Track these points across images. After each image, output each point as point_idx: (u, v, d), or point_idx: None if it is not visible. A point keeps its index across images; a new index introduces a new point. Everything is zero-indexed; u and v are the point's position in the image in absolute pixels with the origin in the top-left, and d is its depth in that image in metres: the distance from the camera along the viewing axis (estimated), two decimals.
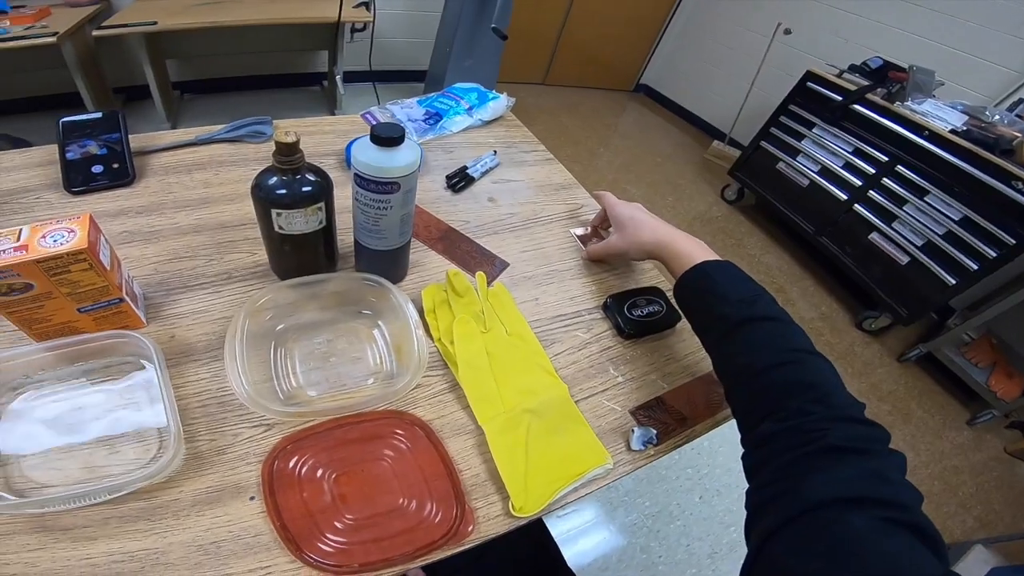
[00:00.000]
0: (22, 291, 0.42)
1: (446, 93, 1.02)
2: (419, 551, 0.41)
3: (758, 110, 2.84)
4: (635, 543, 1.32)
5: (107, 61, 2.37)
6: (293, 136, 0.45)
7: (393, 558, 0.40)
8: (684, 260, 0.54)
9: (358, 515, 0.42)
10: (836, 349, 2.05)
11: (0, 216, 0.62)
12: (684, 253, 0.55)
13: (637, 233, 0.61)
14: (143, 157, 0.71)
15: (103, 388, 0.47)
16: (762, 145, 2.50)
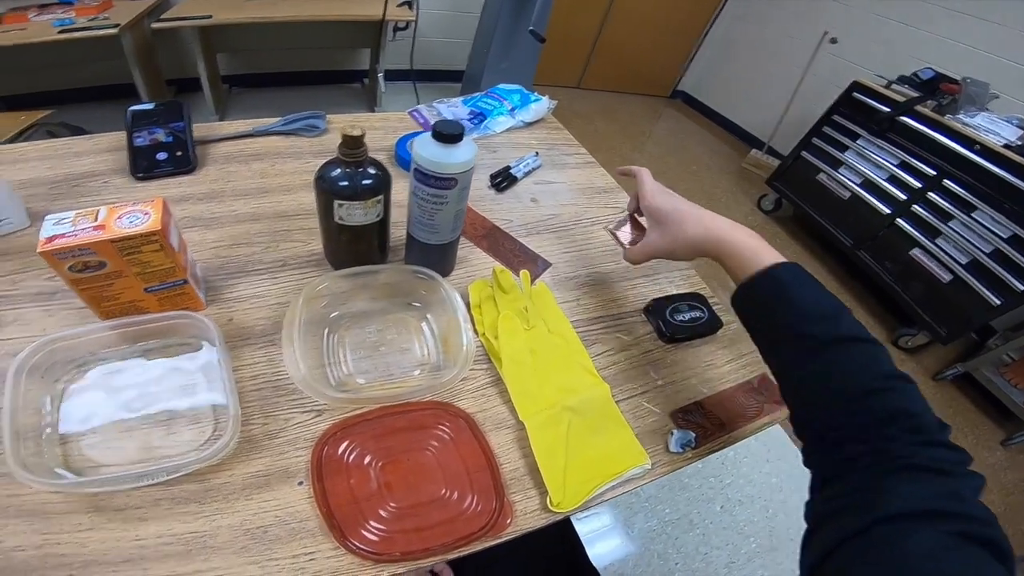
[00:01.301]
0: (96, 269, 0.45)
1: (490, 94, 1.03)
2: (458, 542, 0.42)
3: (799, 120, 2.77)
4: (653, 549, 1.32)
5: (162, 53, 2.46)
6: (359, 130, 0.46)
7: (433, 548, 0.41)
8: (747, 260, 0.46)
9: (401, 504, 0.43)
10: None
11: (70, 198, 0.65)
12: (746, 251, 0.46)
13: (683, 228, 0.51)
14: (204, 146, 0.73)
15: (163, 368, 0.49)
16: (803, 155, 2.44)
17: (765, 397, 0.59)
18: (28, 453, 0.39)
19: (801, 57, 2.88)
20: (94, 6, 2.00)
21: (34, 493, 0.40)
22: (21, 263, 0.56)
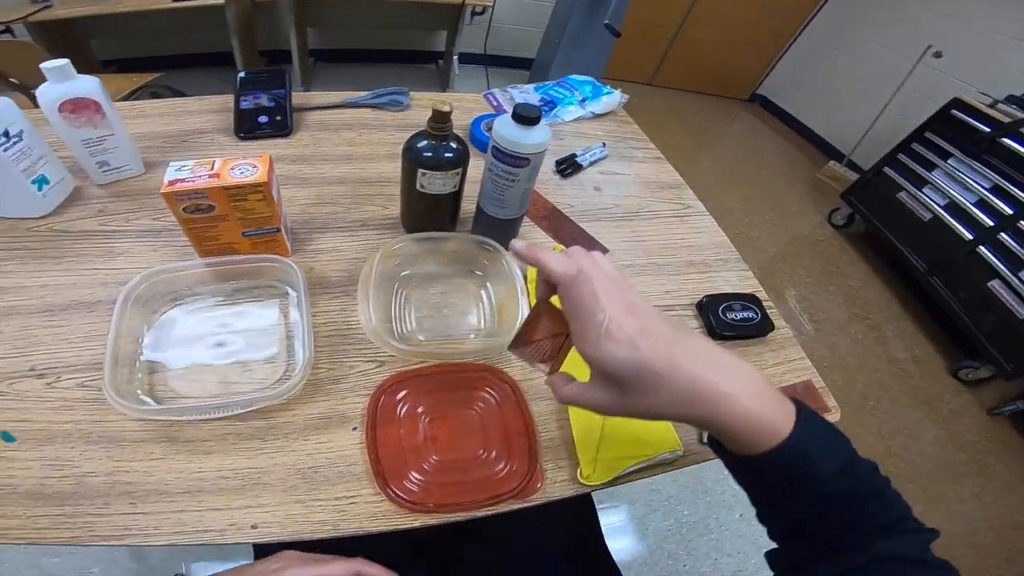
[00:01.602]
0: (205, 211, 0.51)
1: (562, 83, 1.05)
2: (488, 500, 0.44)
3: (886, 134, 2.61)
4: (664, 548, 1.32)
5: (258, 25, 2.63)
6: (448, 107, 0.50)
7: (464, 503, 0.44)
8: (754, 431, 0.31)
9: (443, 458, 0.46)
10: (923, 393, 1.89)
11: (180, 151, 0.73)
12: (752, 420, 0.31)
13: (658, 396, 0.31)
14: (299, 113, 0.80)
15: (247, 308, 0.55)
16: (885, 171, 2.30)
17: (807, 403, 0.58)
18: (122, 380, 0.44)
19: (898, 69, 2.70)
20: None
21: (116, 421, 0.45)
22: (135, 204, 0.65)
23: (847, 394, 1.79)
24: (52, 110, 0.57)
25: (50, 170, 0.61)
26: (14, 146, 0.55)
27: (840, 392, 1.74)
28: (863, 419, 1.72)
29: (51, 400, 0.45)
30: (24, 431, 0.43)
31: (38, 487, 0.41)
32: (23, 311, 0.51)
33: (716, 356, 0.32)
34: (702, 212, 0.81)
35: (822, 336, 1.99)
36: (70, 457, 0.42)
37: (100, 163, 0.64)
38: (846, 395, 1.78)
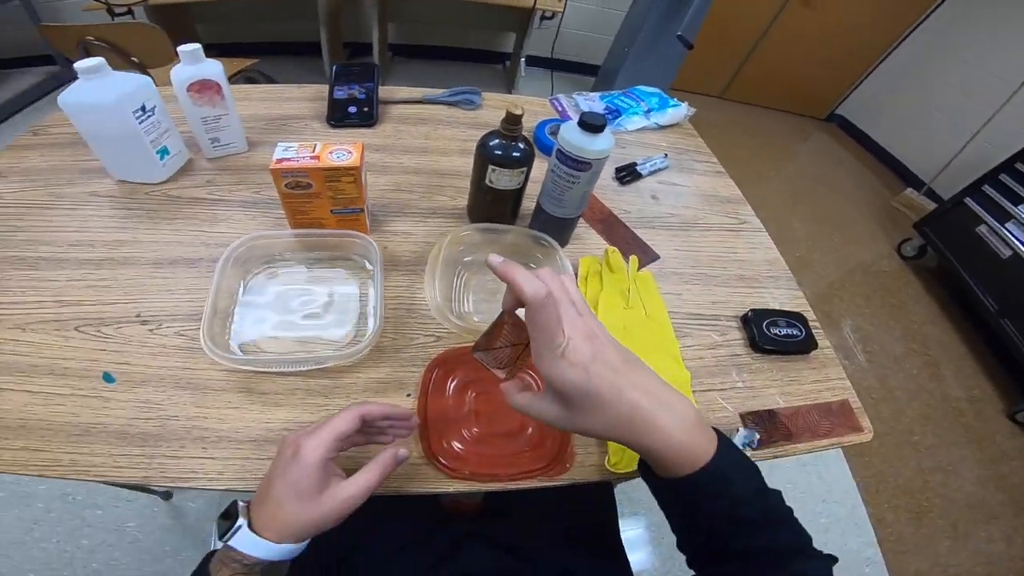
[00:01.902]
0: (303, 188, 0.58)
1: (628, 93, 1.08)
2: (519, 474, 0.48)
3: (973, 163, 2.46)
4: (676, 558, 1.30)
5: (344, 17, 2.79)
6: (521, 110, 0.55)
7: (497, 474, 0.48)
8: (679, 458, 0.34)
9: (483, 430, 0.50)
10: (974, 433, 1.79)
11: (278, 134, 0.82)
12: (670, 453, 0.34)
13: (597, 416, 0.34)
14: (383, 106, 0.87)
15: (329, 276, 0.61)
16: (965, 202, 2.16)
17: (840, 421, 0.59)
18: (216, 331, 0.51)
19: (995, 96, 2.53)
20: None
21: (204, 369, 0.50)
22: (238, 177, 0.73)
23: (891, 426, 1.73)
24: (182, 89, 0.66)
25: (171, 142, 0.70)
26: (148, 119, 0.65)
27: (884, 424, 1.70)
28: (904, 452, 1.66)
29: (151, 346, 0.52)
30: (123, 373, 0.50)
31: (125, 427, 0.46)
32: (136, 262, 0.60)
33: (657, 389, 0.35)
34: (758, 228, 0.82)
35: (874, 367, 1.91)
36: (158, 400, 0.48)
37: (213, 139, 0.73)
38: (890, 427, 1.72)
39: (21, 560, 1.10)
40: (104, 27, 1.46)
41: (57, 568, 1.10)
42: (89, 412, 0.47)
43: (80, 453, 0.45)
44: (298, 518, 0.36)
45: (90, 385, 0.49)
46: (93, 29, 1.44)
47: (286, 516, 0.36)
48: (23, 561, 1.10)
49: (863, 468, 1.57)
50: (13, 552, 1.11)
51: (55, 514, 1.17)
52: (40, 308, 0.54)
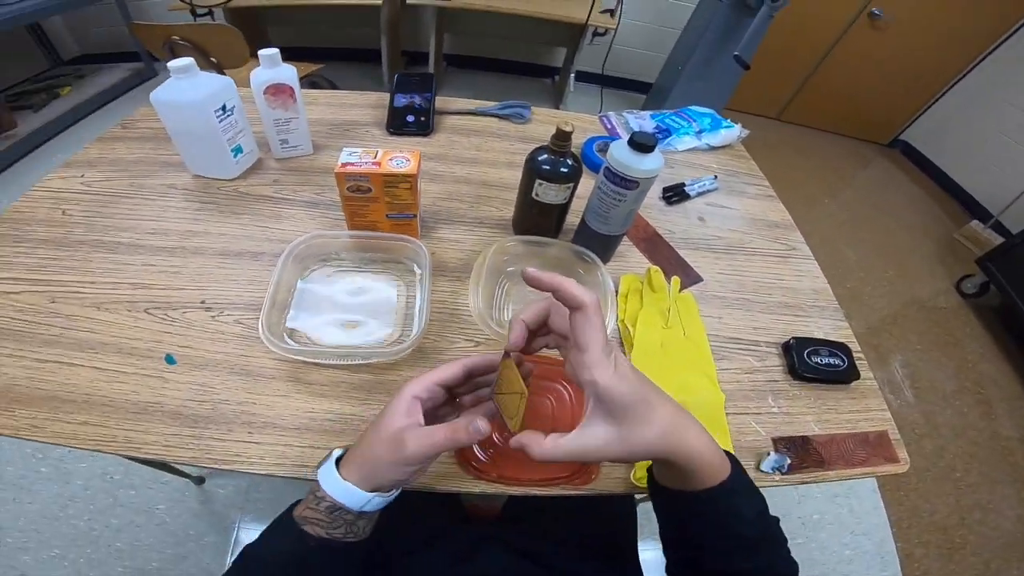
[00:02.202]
0: (363, 192, 0.61)
1: (680, 113, 1.08)
2: (545, 480, 0.49)
3: None
4: None
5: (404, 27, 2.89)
6: (570, 127, 0.56)
7: (523, 479, 0.49)
8: (707, 469, 0.36)
9: (511, 435, 0.51)
10: (1022, 472, 1.68)
11: (341, 139, 0.86)
12: (702, 463, 0.36)
13: (649, 428, 0.34)
14: (438, 116, 0.91)
15: (380, 277, 0.64)
16: None
17: (876, 451, 0.57)
18: (273, 321, 0.54)
19: None
20: None
21: (258, 357, 0.53)
22: (302, 178, 0.78)
23: (932, 462, 1.65)
24: (259, 92, 0.71)
25: (245, 141, 0.75)
26: (227, 119, 0.70)
27: (925, 459, 1.63)
28: (943, 487, 1.59)
29: (211, 331, 0.56)
30: (184, 356, 0.53)
31: (180, 408, 0.49)
32: (205, 252, 0.65)
33: (675, 403, 0.36)
34: (807, 256, 0.81)
35: (921, 404, 1.82)
36: (213, 384, 0.51)
37: (282, 140, 0.78)
38: (932, 463, 1.65)
39: (50, 536, 1.15)
40: (187, 27, 1.56)
41: (82, 545, 1.15)
42: (148, 391, 0.50)
43: (135, 431, 0.48)
44: (376, 454, 0.36)
45: (152, 365, 0.53)
46: (178, 29, 1.55)
47: (367, 452, 0.37)
48: (52, 536, 1.15)
49: (897, 503, 1.52)
50: (44, 527, 1.16)
51: (91, 492, 1.23)
52: (116, 290, 0.59)
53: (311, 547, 0.36)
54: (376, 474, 0.36)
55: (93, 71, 2.74)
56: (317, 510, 0.36)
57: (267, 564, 0.37)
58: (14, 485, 1.22)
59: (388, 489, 0.37)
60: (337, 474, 0.37)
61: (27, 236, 0.65)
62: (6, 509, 1.18)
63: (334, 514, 0.36)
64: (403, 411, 0.37)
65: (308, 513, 0.37)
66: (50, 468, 1.25)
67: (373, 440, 0.37)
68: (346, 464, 0.38)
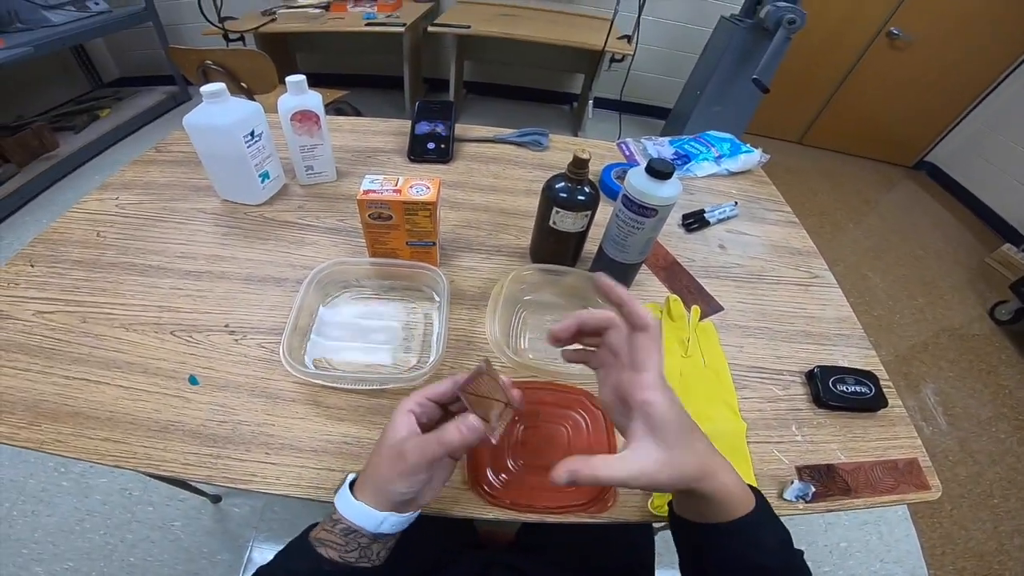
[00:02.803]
0: (384, 220, 0.62)
1: (699, 138, 1.08)
2: (559, 508, 0.48)
3: None
4: None
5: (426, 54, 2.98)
6: (588, 154, 0.57)
7: (536, 506, 0.48)
8: (734, 499, 0.37)
9: (528, 462, 0.51)
10: None
11: (363, 165, 0.88)
12: (728, 494, 0.37)
13: (687, 454, 0.35)
14: (457, 143, 0.93)
15: (399, 304, 0.65)
16: None
17: (905, 478, 0.55)
18: (294, 345, 0.55)
19: None
20: (390, 4, 2.48)
21: (278, 380, 0.54)
22: (325, 205, 0.80)
23: (968, 489, 1.59)
24: (286, 118, 0.73)
25: (272, 167, 0.77)
26: (255, 144, 0.72)
27: (960, 486, 1.57)
28: (980, 514, 1.52)
29: (234, 354, 0.57)
30: (206, 377, 0.54)
31: (199, 427, 0.50)
32: (231, 277, 0.66)
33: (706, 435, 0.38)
34: (831, 284, 0.79)
35: (955, 431, 1.76)
36: (233, 405, 0.52)
37: (308, 167, 0.80)
38: (967, 489, 1.58)
39: (65, 549, 1.17)
40: (220, 52, 1.63)
41: (96, 559, 1.16)
42: (171, 410, 0.52)
43: (155, 448, 0.49)
44: (382, 470, 0.37)
45: (175, 386, 0.54)
46: (210, 54, 1.62)
47: (374, 471, 0.38)
48: (67, 550, 1.17)
49: (930, 529, 1.46)
50: (60, 540, 1.18)
51: (109, 507, 1.24)
52: (144, 311, 0.61)
53: (325, 570, 0.36)
54: (386, 489, 0.37)
55: (131, 93, 2.87)
56: (333, 532, 0.37)
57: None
58: (34, 497, 1.25)
59: (402, 507, 0.38)
60: (351, 496, 0.37)
61: (63, 257, 0.68)
62: (25, 521, 1.20)
63: (349, 536, 0.37)
64: (400, 425, 0.38)
65: (324, 535, 0.37)
66: (71, 482, 1.28)
67: (377, 459, 0.38)
68: (359, 487, 0.38)
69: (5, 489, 1.26)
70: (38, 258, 0.67)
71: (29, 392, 0.52)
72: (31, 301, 0.61)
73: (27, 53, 1.93)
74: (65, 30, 2.14)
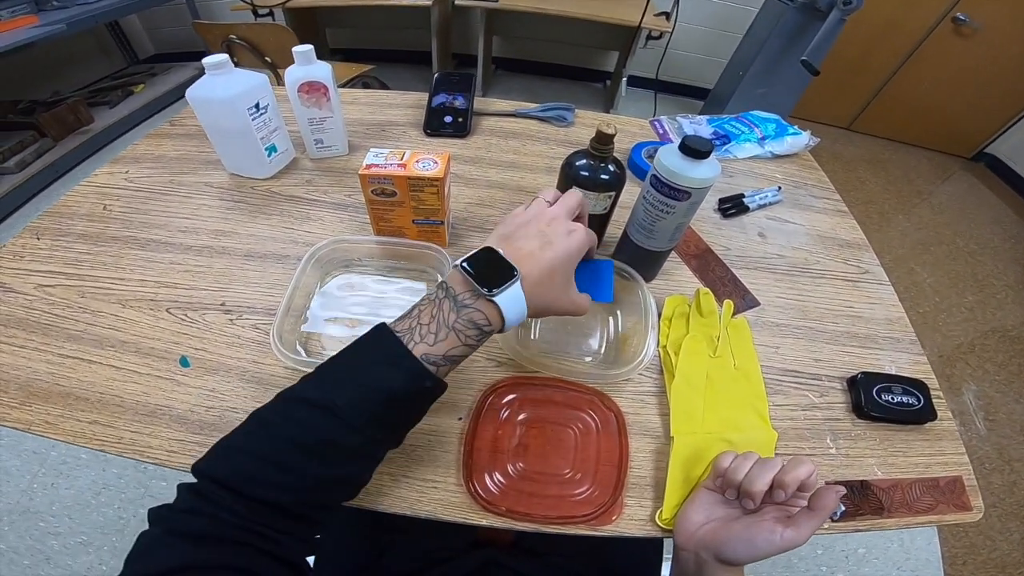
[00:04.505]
0: (388, 196, 0.58)
1: (740, 118, 0.99)
2: (558, 519, 0.44)
3: None
4: None
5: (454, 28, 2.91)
6: (613, 129, 0.50)
7: (534, 516, 0.44)
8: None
9: (528, 467, 0.47)
10: None
11: (377, 139, 0.84)
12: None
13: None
14: (477, 117, 0.87)
15: (402, 286, 0.61)
16: None
17: (946, 498, 0.49)
18: (286, 328, 0.51)
19: None
20: None
21: (270, 365, 0.51)
22: (334, 179, 0.76)
23: (1000, 498, 1.51)
24: (293, 89, 0.69)
25: (279, 140, 0.74)
26: (260, 117, 0.68)
27: (993, 495, 1.50)
28: (1008, 524, 1.44)
29: (228, 335, 0.54)
30: (198, 359, 0.52)
31: (187, 413, 0.48)
32: (232, 253, 0.63)
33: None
34: (882, 281, 0.71)
35: (994, 437, 1.66)
36: (224, 391, 0.50)
37: (317, 140, 0.76)
38: (999, 499, 1.50)
39: (80, 523, 1.19)
40: (244, 26, 1.62)
41: (109, 533, 1.18)
42: (160, 393, 0.49)
43: (141, 434, 0.47)
44: (556, 292, 0.40)
45: (167, 367, 0.51)
46: (235, 28, 1.61)
47: (554, 285, 0.39)
48: (81, 523, 1.19)
49: (954, 538, 1.39)
50: (75, 514, 1.20)
51: (124, 480, 1.27)
52: (142, 287, 0.59)
53: (427, 386, 0.35)
54: (543, 306, 0.40)
55: (164, 69, 2.90)
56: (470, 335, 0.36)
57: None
58: (55, 470, 1.27)
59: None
60: (524, 296, 0.37)
61: (69, 230, 0.66)
62: (44, 494, 1.23)
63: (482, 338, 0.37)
64: (584, 242, 0.42)
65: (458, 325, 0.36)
66: (90, 454, 1.30)
67: (560, 281, 0.40)
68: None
69: (28, 461, 1.29)
70: (44, 231, 0.66)
71: (23, 370, 0.50)
72: (34, 274, 0.60)
73: (60, 31, 1.94)
74: (98, 7, 2.15)
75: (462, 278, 0.37)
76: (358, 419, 0.33)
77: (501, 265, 0.37)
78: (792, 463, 0.38)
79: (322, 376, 0.36)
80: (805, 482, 0.38)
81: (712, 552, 0.39)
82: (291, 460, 0.32)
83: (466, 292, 0.36)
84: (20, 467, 1.28)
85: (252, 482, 0.32)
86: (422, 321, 0.36)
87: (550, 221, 0.41)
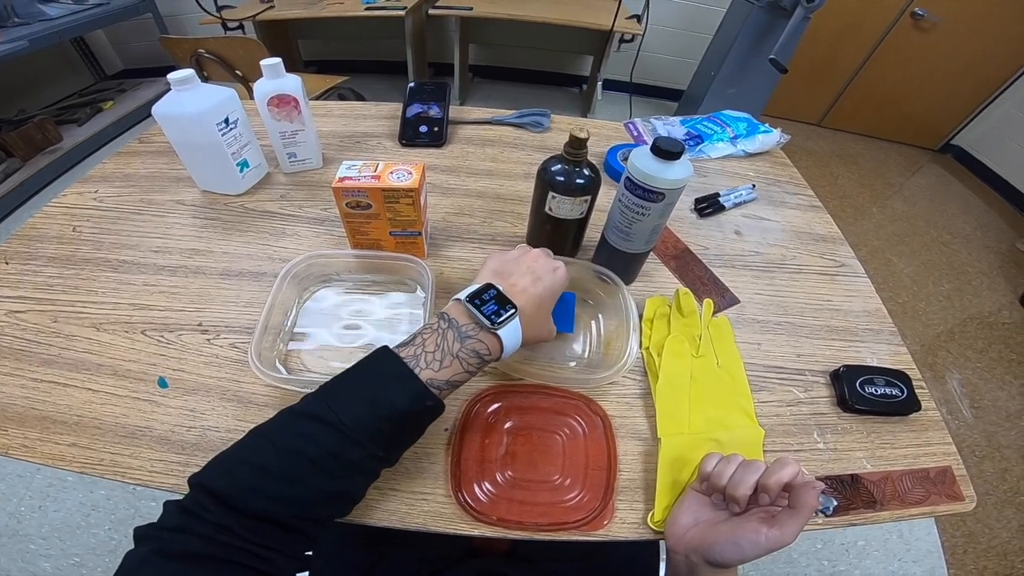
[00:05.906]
0: (363, 208, 0.57)
1: (712, 118, 1.00)
2: (552, 526, 0.44)
3: None
4: None
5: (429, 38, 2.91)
6: (586, 133, 0.51)
7: (526, 523, 0.44)
8: None
9: (517, 475, 0.46)
10: None
11: (351, 150, 0.83)
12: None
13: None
14: (453, 126, 0.87)
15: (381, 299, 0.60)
16: None
17: (937, 489, 0.50)
18: (265, 346, 0.50)
19: None
20: None
21: (250, 384, 0.51)
22: (309, 193, 0.75)
23: (993, 486, 1.53)
24: (263, 103, 0.69)
25: (252, 155, 0.73)
26: (230, 132, 0.67)
27: (986, 483, 1.52)
28: (1005, 513, 1.46)
29: (206, 355, 0.53)
30: (176, 379, 0.51)
31: (168, 433, 0.47)
32: (207, 272, 0.62)
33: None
34: (858, 273, 0.72)
35: (981, 424, 1.69)
36: (204, 410, 0.49)
37: (289, 154, 0.75)
38: (992, 486, 1.53)
39: (71, 544, 1.17)
40: (213, 40, 1.59)
41: (101, 555, 1.16)
42: (139, 415, 0.48)
43: (122, 455, 0.46)
44: (541, 323, 0.46)
45: (145, 389, 0.50)
46: (203, 43, 1.58)
47: (541, 317, 0.45)
48: (72, 545, 1.17)
49: (953, 528, 1.41)
50: (66, 536, 1.18)
51: (113, 502, 1.24)
52: (115, 310, 0.57)
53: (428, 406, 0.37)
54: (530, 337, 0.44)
55: (134, 85, 2.85)
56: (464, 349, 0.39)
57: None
58: (41, 493, 1.25)
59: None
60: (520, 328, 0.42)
61: (38, 253, 0.64)
62: (33, 517, 1.21)
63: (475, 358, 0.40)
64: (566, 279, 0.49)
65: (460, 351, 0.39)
66: (75, 477, 1.27)
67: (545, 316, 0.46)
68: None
69: (13, 484, 1.26)
70: (13, 255, 0.64)
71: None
72: (4, 301, 0.58)
73: (23, 47, 1.90)
74: (62, 23, 2.10)
75: (465, 311, 0.40)
76: (363, 434, 0.34)
77: (501, 300, 0.41)
78: (776, 465, 0.38)
79: (326, 394, 0.37)
80: (790, 484, 0.38)
81: (701, 555, 0.39)
82: (297, 472, 0.33)
83: (469, 324, 0.40)
84: (6, 491, 1.25)
85: (253, 494, 0.32)
86: (427, 348, 0.38)
87: (536, 258, 0.46)
